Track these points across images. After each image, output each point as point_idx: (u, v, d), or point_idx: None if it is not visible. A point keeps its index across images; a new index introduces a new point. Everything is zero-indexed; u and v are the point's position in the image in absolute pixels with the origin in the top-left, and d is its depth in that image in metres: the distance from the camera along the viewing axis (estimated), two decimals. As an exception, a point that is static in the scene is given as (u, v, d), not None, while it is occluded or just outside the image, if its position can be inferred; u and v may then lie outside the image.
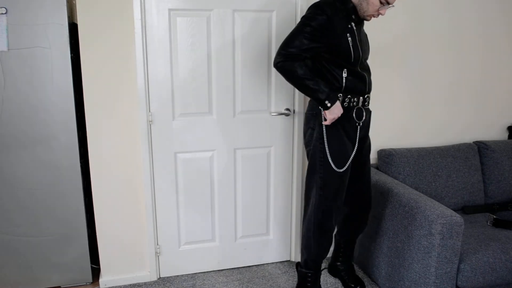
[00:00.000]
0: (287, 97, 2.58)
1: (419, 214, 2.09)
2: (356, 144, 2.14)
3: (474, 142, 2.87)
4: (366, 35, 2.18)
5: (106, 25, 2.25)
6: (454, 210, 2.66)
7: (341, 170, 2.10)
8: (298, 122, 2.61)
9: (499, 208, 2.72)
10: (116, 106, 2.35)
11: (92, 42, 2.25)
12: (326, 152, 2.09)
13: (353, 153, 2.13)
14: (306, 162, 2.68)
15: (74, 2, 2.37)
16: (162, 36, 2.34)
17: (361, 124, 2.13)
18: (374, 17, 2.03)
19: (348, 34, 2.00)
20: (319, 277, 2.33)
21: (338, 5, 2.00)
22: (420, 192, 2.55)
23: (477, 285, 2.10)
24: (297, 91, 2.58)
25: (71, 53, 2.25)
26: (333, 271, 2.59)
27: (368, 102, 2.15)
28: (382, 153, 2.69)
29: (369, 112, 2.19)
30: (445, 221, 1.97)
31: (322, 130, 2.09)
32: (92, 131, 2.35)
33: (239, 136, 2.56)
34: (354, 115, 2.10)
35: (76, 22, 2.33)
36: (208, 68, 2.44)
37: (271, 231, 2.77)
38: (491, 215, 2.55)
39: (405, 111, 2.82)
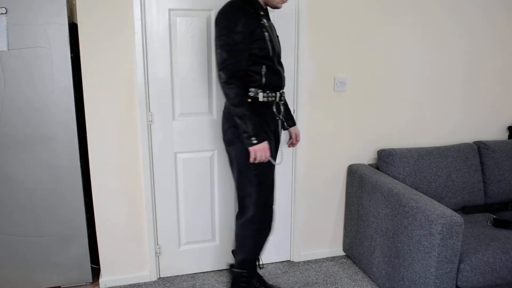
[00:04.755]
0: (287, 97, 2.58)
1: (419, 214, 2.09)
2: (273, 138, 2.17)
3: (474, 142, 2.87)
4: (275, 29, 2.20)
5: (106, 25, 2.25)
6: (454, 210, 2.66)
7: (277, 163, 2.10)
8: (298, 122, 2.61)
9: (499, 208, 2.72)
10: (116, 106, 2.35)
11: (92, 42, 2.25)
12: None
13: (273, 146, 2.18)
14: (306, 162, 2.69)
15: (74, 2, 2.37)
16: (162, 36, 2.34)
17: (281, 118, 2.19)
18: (283, 2, 2.08)
19: (263, 30, 2.03)
20: (254, 277, 2.32)
21: (246, 4, 2.01)
22: (420, 192, 2.55)
23: (477, 285, 2.10)
24: (294, 90, 2.58)
25: (71, 53, 2.25)
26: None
27: (284, 97, 2.20)
28: (382, 153, 2.69)
29: (286, 106, 2.28)
30: (445, 221, 1.97)
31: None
32: (92, 131, 2.35)
33: (239, 136, 2.56)
34: (274, 109, 2.14)
35: (76, 22, 2.34)
36: (208, 68, 2.44)
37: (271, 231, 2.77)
38: (491, 215, 2.55)
39: (405, 111, 2.82)
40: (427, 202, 2.12)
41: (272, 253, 2.80)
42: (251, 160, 2.04)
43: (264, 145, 2.01)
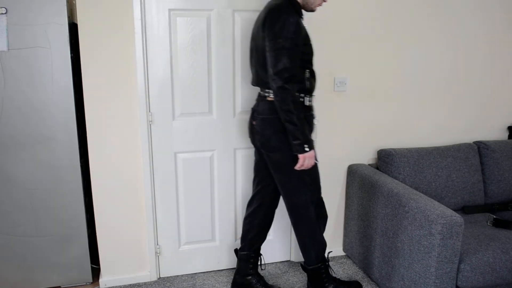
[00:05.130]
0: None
1: (419, 214, 2.09)
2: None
3: (474, 142, 2.87)
4: None
5: (106, 25, 2.25)
6: (454, 210, 2.66)
7: (319, 161, 2.13)
8: (298, 122, 2.61)
9: (499, 208, 2.72)
10: (116, 106, 2.35)
11: (92, 42, 2.25)
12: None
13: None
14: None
15: (74, 2, 2.37)
16: (162, 36, 2.34)
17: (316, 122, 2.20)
18: (319, 5, 2.07)
19: (307, 33, 2.03)
20: (329, 266, 2.33)
21: (291, 6, 2.00)
22: (420, 192, 2.55)
23: (477, 285, 2.10)
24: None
25: (71, 53, 2.25)
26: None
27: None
28: (382, 153, 2.69)
29: None
30: (445, 221, 1.97)
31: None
32: (92, 131, 2.35)
33: (239, 136, 2.56)
34: (314, 113, 2.16)
35: (76, 22, 2.33)
36: (208, 68, 2.44)
37: (271, 231, 2.77)
38: (491, 215, 2.55)
39: (405, 111, 2.82)
40: (427, 202, 2.12)
41: (272, 253, 2.80)
42: (298, 167, 2.02)
43: (313, 152, 2.01)
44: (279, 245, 2.80)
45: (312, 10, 2.09)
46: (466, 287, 2.09)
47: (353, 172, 2.71)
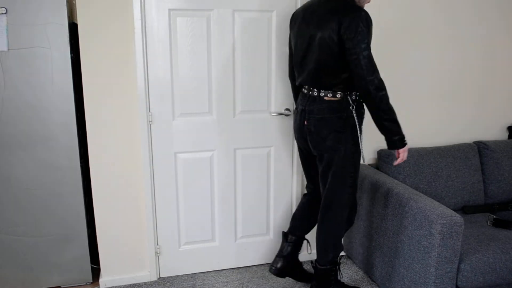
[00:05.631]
0: (287, 97, 2.58)
1: (419, 214, 2.09)
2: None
3: (474, 142, 2.87)
4: None
5: (106, 25, 2.25)
6: (454, 210, 2.66)
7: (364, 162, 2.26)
8: (298, 122, 2.62)
9: (499, 208, 2.72)
10: (116, 106, 2.35)
11: (92, 42, 2.25)
12: (361, 151, 2.13)
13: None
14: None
15: (74, 2, 2.37)
16: (162, 36, 2.34)
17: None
18: (368, 2, 2.08)
19: None
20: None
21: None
22: (420, 192, 2.55)
23: (477, 285, 2.10)
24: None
25: (71, 53, 2.25)
26: (291, 270, 2.45)
27: None
28: (382, 153, 2.69)
29: None
30: (445, 221, 1.97)
31: (356, 131, 2.09)
32: (92, 131, 2.35)
33: (239, 136, 2.56)
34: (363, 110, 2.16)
35: (76, 22, 2.33)
36: (208, 68, 2.44)
37: (271, 231, 2.77)
38: (491, 215, 2.55)
39: (405, 111, 2.82)
40: (427, 202, 2.12)
41: (272, 253, 2.80)
42: (398, 162, 2.12)
43: (407, 146, 2.10)
44: (279, 245, 2.80)
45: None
46: (466, 287, 2.09)
47: (353, 172, 2.71)
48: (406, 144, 2.06)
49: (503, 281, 2.15)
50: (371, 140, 2.79)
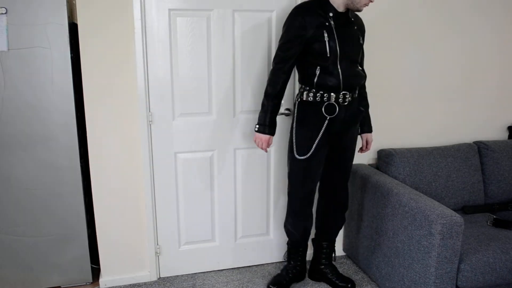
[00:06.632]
0: (287, 97, 2.58)
1: (419, 214, 2.09)
2: (319, 135, 2.19)
3: (474, 142, 2.87)
4: (357, 37, 2.18)
5: (106, 25, 2.25)
6: (454, 210, 2.66)
7: (301, 157, 2.22)
8: (298, 122, 2.61)
9: (499, 208, 2.72)
10: (116, 106, 2.35)
11: (92, 42, 2.25)
12: (292, 141, 2.25)
13: (315, 143, 2.19)
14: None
15: (74, 2, 2.37)
16: (162, 36, 2.34)
17: (328, 118, 2.17)
18: (366, 5, 2.09)
19: (324, 31, 2.07)
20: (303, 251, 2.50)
21: (315, 5, 2.09)
22: (420, 192, 2.55)
23: (477, 285, 2.10)
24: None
25: (71, 53, 2.25)
26: (317, 275, 2.57)
27: (347, 99, 2.16)
28: (382, 153, 2.69)
29: (350, 109, 2.20)
30: (445, 221, 1.97)
31: (293, 121, 2.25)
32: (92, 131, 2.35)
33: (239, 136, 2.56)
34: (323, 109, 2.16)
35: (76, 22, 2.33)
36: (208, 68, 2.44)
37: (271, 231, 2.77)
38: (491, 215, 2.55)
39: (405, 111, 2.82)
40: (427, 202, 2.12)
41: (272, 253, 2.80)
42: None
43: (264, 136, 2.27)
44: (279, 245, 2.80)
45: (358, 10, 2.10)
46: (466, 287, 2.09)
47: (353, 172, 2.71)
48: (259, 131, 2.23)
49: (503, 281, 2.15)
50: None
